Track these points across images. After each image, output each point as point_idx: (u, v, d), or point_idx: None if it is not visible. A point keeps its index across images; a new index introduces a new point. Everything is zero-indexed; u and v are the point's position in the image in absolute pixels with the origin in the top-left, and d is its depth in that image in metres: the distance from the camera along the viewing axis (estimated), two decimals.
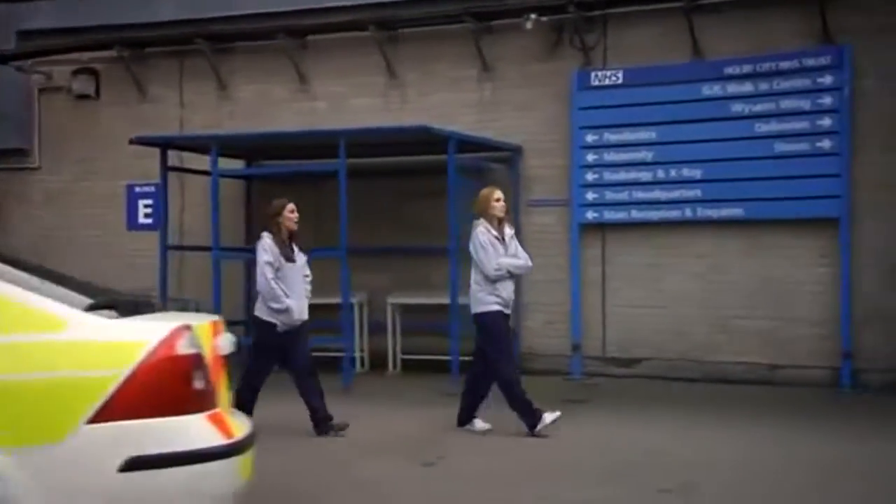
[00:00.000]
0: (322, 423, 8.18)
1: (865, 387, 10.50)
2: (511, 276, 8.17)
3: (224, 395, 3.85)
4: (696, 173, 11.26)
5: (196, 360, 3.52)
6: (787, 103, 10.82)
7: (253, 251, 13.08)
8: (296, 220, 8.32)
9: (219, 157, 13.00)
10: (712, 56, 11.30)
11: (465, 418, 8.36)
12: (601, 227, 11.88)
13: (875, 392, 10.35)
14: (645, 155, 11.51)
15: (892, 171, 10.38)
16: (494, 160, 12.30)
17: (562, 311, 11.99)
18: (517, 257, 8.25)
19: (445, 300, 11.10)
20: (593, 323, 11.95)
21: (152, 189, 14.03)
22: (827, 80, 10.64)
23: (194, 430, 3.46)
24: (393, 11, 12.61)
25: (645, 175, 11.51)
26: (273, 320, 8.13)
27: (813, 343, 10.84)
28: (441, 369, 11.20)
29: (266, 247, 8.19)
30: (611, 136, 11.67)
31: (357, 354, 12.57)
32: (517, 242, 8.39)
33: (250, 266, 13.27)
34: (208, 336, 3.77)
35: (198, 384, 3.50)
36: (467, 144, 11.75)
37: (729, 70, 11.08)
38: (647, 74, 11.47)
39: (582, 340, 11.88)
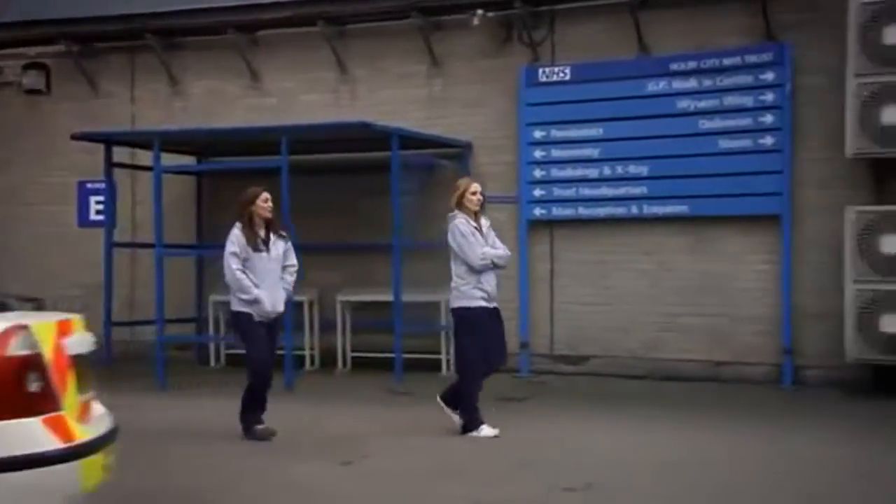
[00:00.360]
0: (248, 430, 8.03)
1: (806, 383, 10.57)
2: (494, 266, 8.01)
3: (73, 396, 3.83)
4: (643, 170, 11.30)
5: (30, 362, 3.51)
6: (730, 100, 10.89)
7: (202, 248, 13.31)
8: (269, 209, 8.07)
9: (170, 153, 13.12)
10: (658, 52, 11.35)
11: (450, 399, 8.26)
12: (549, 224, 11.93)
13: (815, 388, 10.42)
14: (592, 152, 11.56)
15: (833, 168, 10.41)
16: (444, 157, 12.32)
17: (511, 309, 11.88)
18: (497, 248, 8.09)
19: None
20: (542, 320, 11.99)
21: (103, 185, 14.00)
22: (769, 76, 10.70)
23: (24, 435, 3.44)
24: (341, 6, 12.65)
25: (592, 172, 11.55)
26: (248, 310, 7.99)
27: (756, 340, 10.92)
28: (393, 367, 11.31)
29: (233, 237, 8.01)
30: (558, 133, 11.71)
31: (307, 352, 12.61)
32: (494, 234, 8.21)
33: (205, 262, 13.42)
34: (51, 336, 3.76)
35: (32, 386, 3.49)
36: (416, 141, 11.81)
37: (674, 66, 11.14)
38: (593, 70, 11.52)
39: (530, 338, 11.93)
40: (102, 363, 12.02)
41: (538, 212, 11.84)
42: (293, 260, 8.27)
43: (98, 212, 14.37)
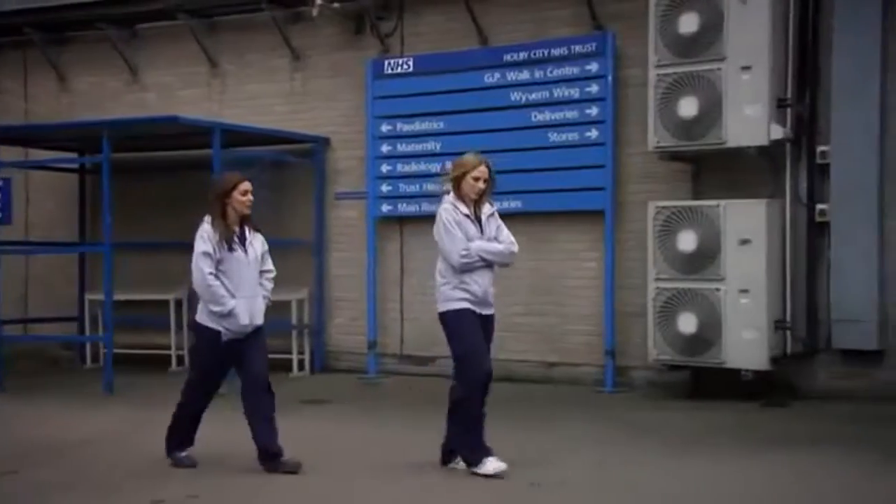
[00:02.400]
0: (269, 459, 7.31)
1: (630, 385, 11.21)
2: (487, 264, 7.24)
3: None
4: None
5: None
6: (559, 92, 11.57)
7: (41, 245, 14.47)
8: (249, 203, 7.30)
9: (53, 150, 14.40)
10: (496, 43, 12.10)
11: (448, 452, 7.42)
12: (400, 220, 12.76)
13: (638, 390, 11.06)
14: (434, 145, 12.36)
15: (654, 162, 10.98)
16: (302, 152, 13.22)
17: (359, 309, 12.93)
18: (496, 241, 7.34)
19: None
20: (392, 320, 12.85)
21: (0, 183, 15.38)
22: (593, 67, 11.36)
23: None
24: None
25: (434, 166, 12.30)
26: (216, 327, 7.22)
27: (584, 340, 11.60)
28: None
29: (204, 234, 7.21)
30: (404, 127, 12.54)
31: (173, 353, 13.68)
32: (501, 223, 7.40)
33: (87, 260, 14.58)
34: None
35: None
36: (269, 136, 12.87)
37: (507, 57, 11.86)
38: (435, 62, 12.32)
39: (379, 338, 12.79)
40: None
41: (385, 208, 12.69)
42: (271, 264, 7.65)
43: None
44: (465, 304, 7.20)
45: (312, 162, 13.16)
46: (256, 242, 7.45)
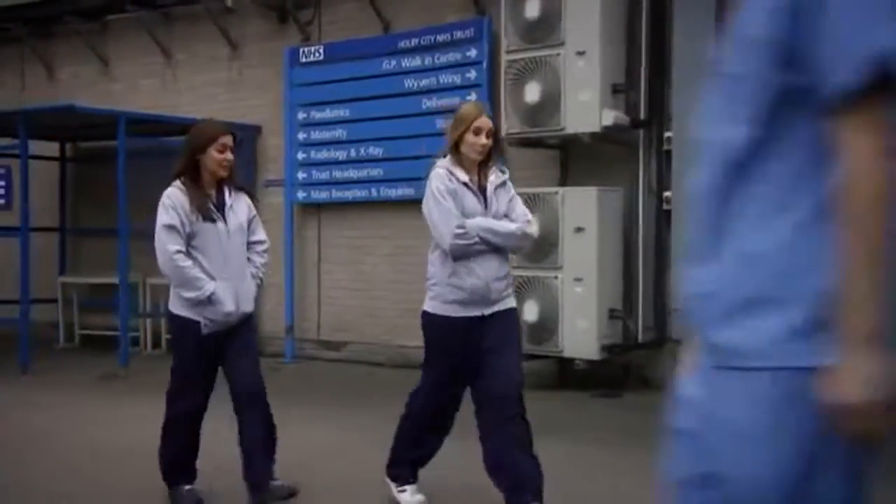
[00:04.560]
0: (257, 487, 5.94)
1: None
2: (493, 248, 5.60)
3: None
4: (378, 152, 12.39)
5: None
6: (444, 78, 11.79)
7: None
8: (227, 163, 5.91)
9: (34, 139, 15.43)
10: (396, 29, 12.38)
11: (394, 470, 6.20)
12: (318, 207, 13.21)
13: None
14: (341, 133, 12.76)
15: (534, 150, 11.05)
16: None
17: (279, 294, 13.41)
18: (507, 219, 5.70)
19: None
20: (311, 306, 13.31)
21: (2, 171, 16.64)
22: (472, 53, 11.53)
23: None
24: None
25: (341, 154, 12.74)
26: (194, 316, 5.83)
27: None
28: None
29: (168, 200, 5.81)
30: (316, 114, 12.99)
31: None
32: (515, 195, 5.80)
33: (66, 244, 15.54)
34: None
35: None
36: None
37: (401, 44, 12.14)
38: (342, 49, 12.72)
39: (297, 323, 13.28)
40: None
41: (300, 195, 13.15)
42: (262, 233, 6.23)
43: None
44: (454, 310, 5.67)
45: (242, 150, 13.68)
46: (239, 207, 6.02)
